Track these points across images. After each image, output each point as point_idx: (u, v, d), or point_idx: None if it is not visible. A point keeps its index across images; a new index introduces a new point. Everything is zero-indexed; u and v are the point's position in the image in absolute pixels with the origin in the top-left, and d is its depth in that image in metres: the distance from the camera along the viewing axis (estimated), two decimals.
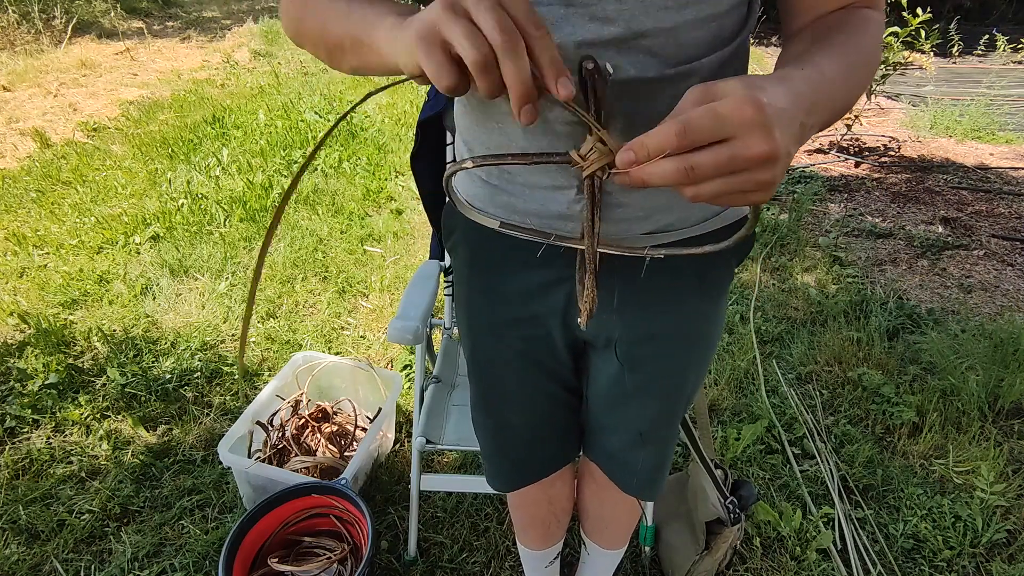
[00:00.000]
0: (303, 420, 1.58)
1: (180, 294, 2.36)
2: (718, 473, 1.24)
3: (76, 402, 1.82)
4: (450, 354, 1.48)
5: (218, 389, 1.91)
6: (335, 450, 1.58)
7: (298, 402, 1.61)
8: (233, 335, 2.16)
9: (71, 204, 3.03)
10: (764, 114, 0.39)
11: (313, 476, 1.44)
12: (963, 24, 6.52)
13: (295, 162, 3.57)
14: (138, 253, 2.64)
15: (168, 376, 1.92)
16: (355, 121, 4.18)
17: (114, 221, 2.85)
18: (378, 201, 3.19)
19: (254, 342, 2.12)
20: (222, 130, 4.03)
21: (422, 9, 0.45)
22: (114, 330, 2.15)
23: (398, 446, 1.72)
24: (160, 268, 2.50)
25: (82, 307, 2.28)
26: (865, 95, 3.60)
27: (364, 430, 1.66)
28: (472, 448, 1.21)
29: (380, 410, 1.55)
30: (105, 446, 1.69)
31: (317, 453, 1.55)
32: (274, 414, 1.59)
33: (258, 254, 0.42)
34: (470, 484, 1.39)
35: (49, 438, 1.73)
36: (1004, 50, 5.12)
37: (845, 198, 3.30)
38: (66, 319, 2.19)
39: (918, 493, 1.57)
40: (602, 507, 1.09)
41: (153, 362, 1.99)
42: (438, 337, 1.95)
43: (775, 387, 1.94)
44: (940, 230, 2.92)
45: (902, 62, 3.49)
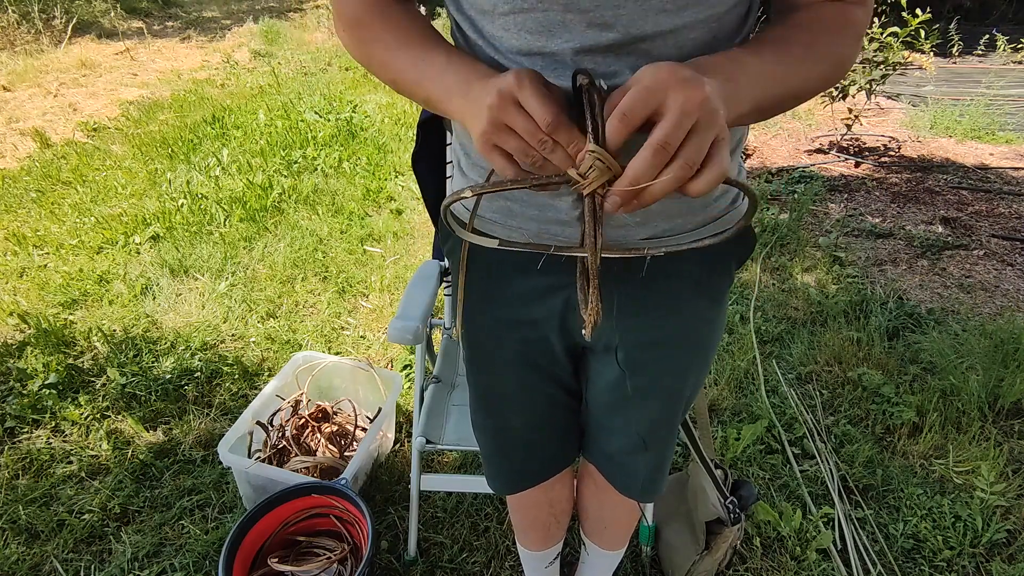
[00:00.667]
0: (303, 420, 1.58)
1: (180, 294, 2.36)
2: (718, 473, 1.24)
3: (76, 402, 1.82)
4: (450, 354, 1.48)
5: (218, 389, 1.91)
6: (335, 450, 1.58)
7: (298, 402, 1.61)
8: (233, 335, 2.16)
9: (71, 204, 3.03)
10: (674, 70, 0.44)
11: (313, 476, 1.44)
12: (963, 24, 6.53)
13: (295, 162, 3.57)
14: (138, 253, 2.64)
15: (168, 376, 1.92)
16: (355, 121, 4.18)
17: (114, 221, 2.85)
18: (378, 201, 3.19)
19: (254, 342, 2.12)
20: (222, 130, 4.03)
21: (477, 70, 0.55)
22: (114, 330, 2.15)
23: (398, 446, 1.72)
24: (160, 268, 2.50)
25: (82, 307, 2.28)
26: (865, 95, 3.60)
27: (364, 430, 1.66)
28: (472, 448, 1.21)
29: (380, 410, 1.55)
30: (105, 446, 1.69)
31: (317, 453, 1.55)
32: (274, 414, 1.59)
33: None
34: (470, 484, 1.39)
35: (49, 438, 1.73)
36: (1004, 50, 5.12)
37: (845, 198, 3.30)
38: (66, 319, 2.19)
39: (918, 493, 1.57)
40: (602, 508, 1.09)
41: (153, 362, 1.99)
42: (438, 337, 1.95)
43: (775, 387, 1.94)
44: (940, 230, 2.92)
45: (902, 62, 3.49)
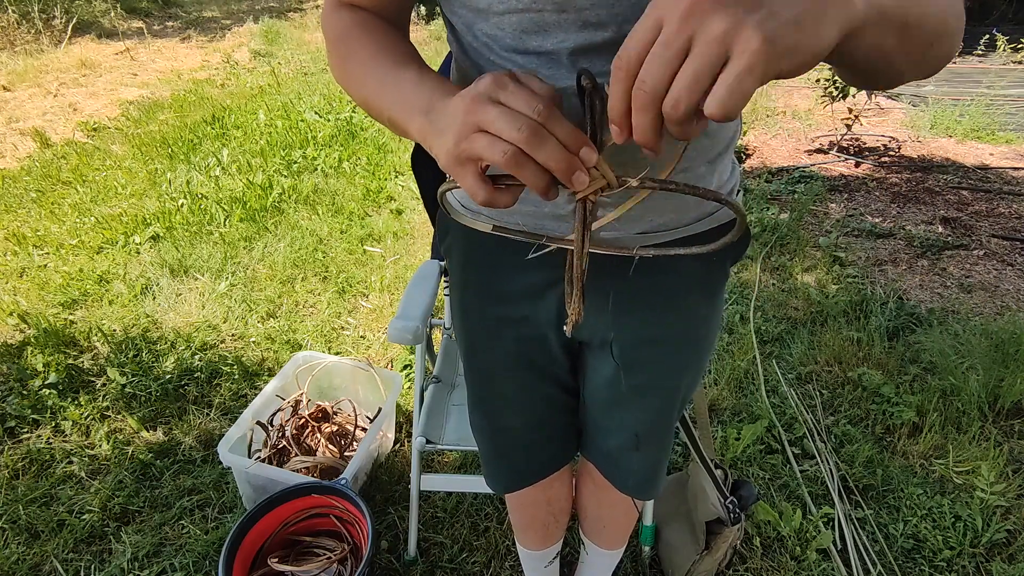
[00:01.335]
0: (303, 420, 1.58)
1: (180, 294, 2.36)
2: (718, 473, 1.24)
3: (76, 402, 1.82)
4: (450, 354, 1.48)
5: (218, 389, 1.91)
6: (335, 450, 1.58)
7: (298, 402, 1.61)
8: (233, 335, 2.16)
9: (71, 204, 3.03)
10: None
11: (313, 476, 1.44)
12: None
13: (295, 162, 3.57)
14: (138, 253, 2.64)
15: (168, 376, 1.92)
16: (355, 121, 4.18)
17: (114, 221, 2.85)
18: (378, 201, 3.19)
19: (254, 342, 2.12)
20: (222, 130, 4.03)
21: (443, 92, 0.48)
22: (114, 330, 2.15)
23: (398, 446, 1.72)
24: (160, 268, 2.50)
25: (82, 307, 2.28)
26: (865, 95, 3.59)
27: (364, 430, 1.66)
28: (472, 448, 1.21)
29: (380, 410, 1.55)
30: (105, 446, 1.69)
31: (317, 453, 1.55)
32: (274, 414, 1.59)
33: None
34: (470, 484, 1.39)
35: (49, 438, 1.73)
36: (1004, 50, 5.12)
37: (845, 198, 3.29)
38: (66, 319, 2.19)
39: (918, 493, 1.57)
40: (600, 507, 1.09)
41: (153, 362, 1.99)
42: (438, 337, 1.95)
43: (775, 387, 1.94)
44: (940, 230, 2.92)
45: None
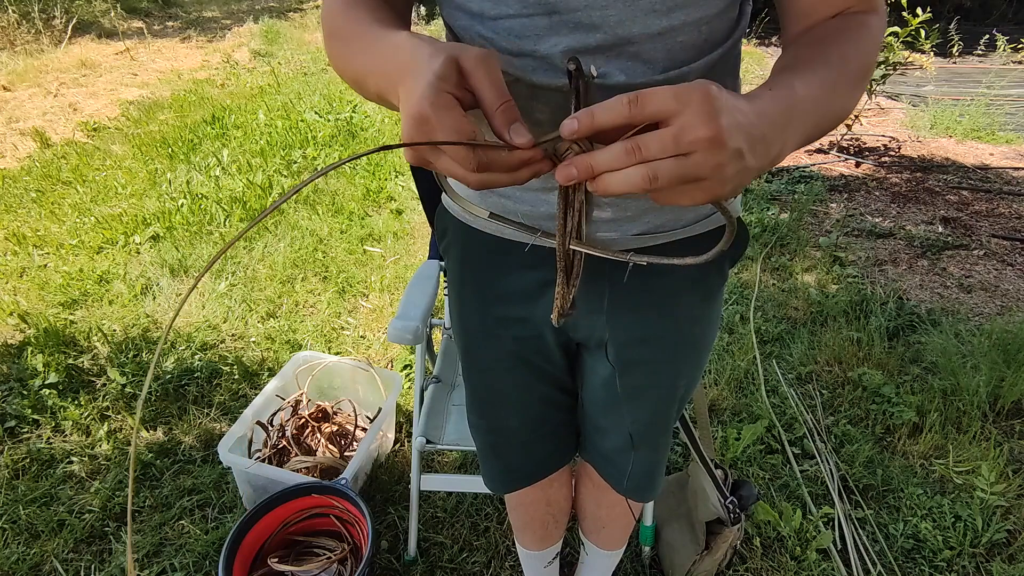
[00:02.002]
0: (303, 420, 1.58)
1: (180, 294, 2.36)
2: (718, 473, 1.24)
3: (76, 402, 1.82)
4: (450, 354, 1.48)
5: (218, 389, 1.91)
6: (335, 450, 1.58)
7: (298, 402, 1.61)
8: (233, 335, 2.16)
9: (71, 204, 3.03)
10: (709, 99, 0.39)
11: (313, 476, 1.44)
12: (963, 24, 6.53)
13: (295, 162, 3.57)
14: (138, 253, 2.64)
15: (168, 376, 1.92)
16: (355, 121, 4.18)
17: (114, 221, 2.85)
18: (378, 201, 3.19)
19: (254, 342, 2.12)
20: (222, 130, 4.03)
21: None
22: (114, 330, 2.15)
23: (398, 446, 1.72)
24: (160, 268, 2.50)
25: (82, 307, 2.28)
26: (866, 95, 3.60)
27: (364, 430, 1.66)
28: (472, 448, 1.21)
29: (380, 410, 1.55)
30: (105, 446, 1.69)
31: (317, 453, 1.55)
32: (274, 414, 1.59)
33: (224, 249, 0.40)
34: (470, 484, 1.39)
35: (49, 438, 1.73)
36: (1004, 50, 5.12)
37: (845, 198, 3.30)
38: (66, 319, 2.19)
39: (918, 493, 1.57)
40: (599, 508, 1.09)
41: None
42: (438, 337, 1.95)
43: (775, 387, 1.94)
44: (940, 230, 2.92)
45: (902, 62, 3.49)
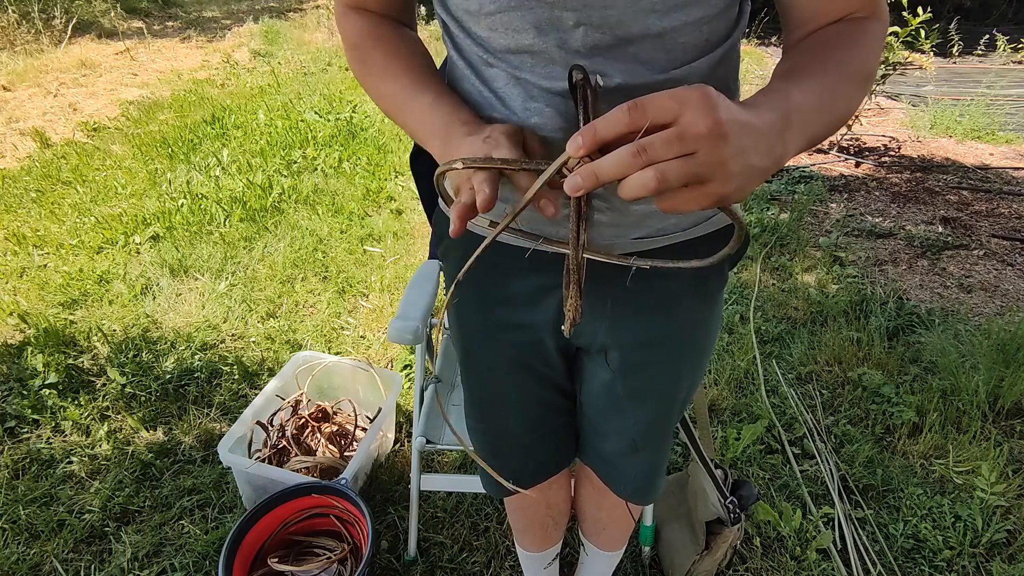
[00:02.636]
0: (303, 420, 1.58)
1: (180, 294, 2.36)
2: (718, 473, 1.24)
3: (76, 402, 1.82)
4: (450, 354, 1.48)
5: (218, 389, 1.91)
6: (335, 450, 1.58)
7: (298, 402, 1.61)
8: (233, 335, 2.16)
9: (71, 204, 3.03)
10: (707, 97, 0.40)
11: (313, 476, 1.44)
12: (963, 24, 6.52)
13: (295, 162, 3.57)
14: (138, 253, 2.64)
15: (168, 376, 1.91)
16: (355, 121, 4.18)
17: (114, 221, 2.85)
18: (378, 201, 3.19)
19: (254, 342, 2.12)
20: (222, 130, 4.03)
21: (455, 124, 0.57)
22: (114, 330, 2.15)
23: (398, 446, 1.72)
24: (160, 268, 2.50)
25: (82, 307, 2.28)
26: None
27: (364, 430, 1.66)
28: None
29: (380, 410, 1.55)
30: (105, 446, 1.69)
31: (317, 453, 1.55)
32: (274, 414, 1.59)
33: None
34: (470, 484, 1.39)
35: (49, 438, 1.73)
36: (1004, 50, 5.12)
37: (845, 198, 3.29)
38: (66, 319, 2.19)
39: (918, 493, 1.57)
40: (599, 510, 1.09)
41: (153, 362, 1.99)
42: (438, 337, 1.95)
43: (775, 387, 1.94)
44: (940, 230, 2.92)
45: (902, 62, 3.49)
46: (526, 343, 0.77)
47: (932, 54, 3.51)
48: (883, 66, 3.45)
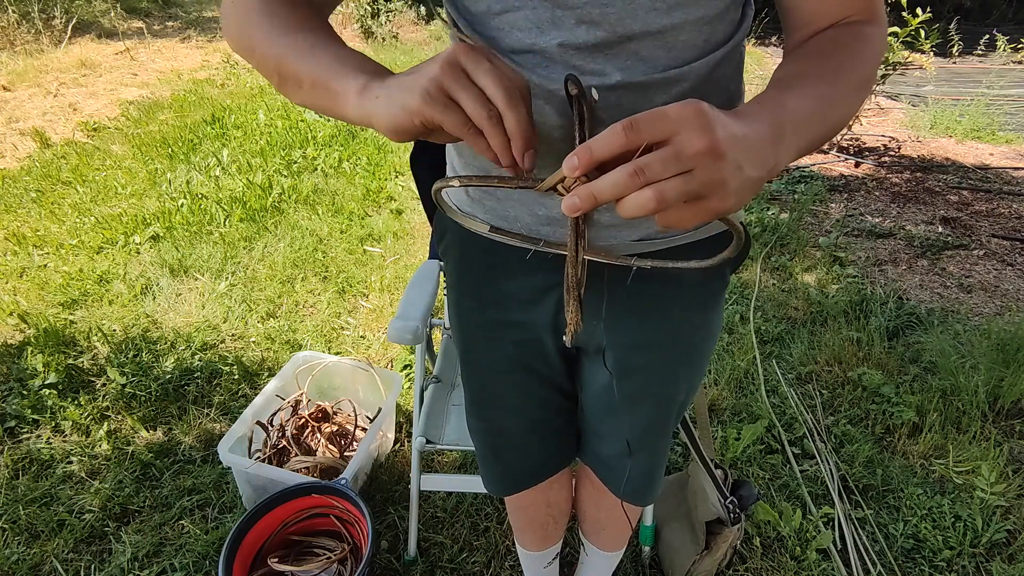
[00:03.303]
0: (303, 420, 1.58)
1: (180, 294, 2.36)
2: (718, 473, 1.24)
3: (76, 402, 1.82)
4: (450, 354, 1.48)
5: (218, 389, 1.91)
6: (335, 450, 1.58)
7: (298, 402, 1.61)
8: (233, 335, 2.16)
9: (71, 204, 3.03)
10: (702, 114, 0.40)
11: (313, 476, 1.44)
12: (963, 24, 6.52)
13: (295, 162, 3.57)
14: (138, 253, 2.64)
15: (168, 376, 1.91)
16: None
17: (114, 221, 2.85)
18: (378, 201, 3.19)
19: (254, 342, 2.12)
20: (222, 130, 4.03)
21: (390, 71, 0.50)
22: (114, 330, 2.15)
23: (398, 446, 1.72)
24: (160, 268, 2.50)
25: (82, 307, 2.28)
26: None
27: (364, 430, 1.66)
28: (472, 448, 1.21)
29: (380, 410, 1.55)
30: (105, 446, 1.69)
31: (317, 453, 1.55)
32: (274, 414, 1.59)
33: None
34: (470, 484, 1.39)
35: (49, 438, 1.72)
36: (1004, 50, 5.12)
37: (845, 198, 3.30)
38: (66, 319, 2.19)
39: (918, 493, 1.57)
40: (599, 510, 1.09)
41: (153, 362, 1.99)
42: (438, 337, 1.95)
43: (775, 387, 1.94)
44: (940, 230, 2.92)
45: (902, 62, 3.49)
46: (526, 342, 0.77)
47: (932, 54, 3.51)
48: (883, 66, 3.45)
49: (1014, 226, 2.95)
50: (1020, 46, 5.20)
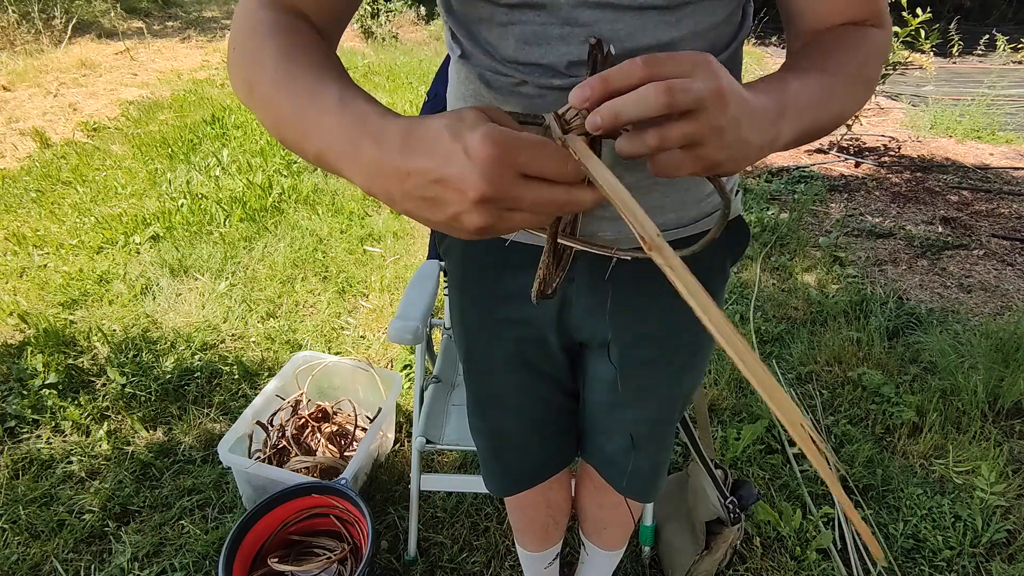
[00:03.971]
0: (303, 420, 1.58)
1: (180, 294, 2.36)
2: (718, 473, 1.24)
3: (76, 402, 1.82)
4: (450, 354, 1.48)
5: (218, 389, 1.91)
6: (335, 450, 1.58)
7: (298, 402, 1.61)
8: (233, 335, 2.16)
9: (71, 204, 3.03)
10: (714, 62, 0.41)
11: (313, 476, 1.44)
12: (963, 24, 6.52)
13: (295, 162, 3.57)
14: (138, 253, 2.64)
15: (168, 376, 1.91)
16: None
17: (114, 221, 2.85)
18: (378, 201, 3.18)
19: (254, 342, 2.12)
20: (222, 130, 4.03)
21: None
22: (114, 330, 2.15)
23: (398, 446, 1.72)
24: (160, 268, 2.50)
25: (82, 307, 2.28)
26: None
27: (364, 430, 1.66)
28: (472, 448, 1.21)
29: (380, 410, 1.55)
30: (105, 446, 1.69)
31: (317, 453, 1.55)
32: (274, 414, 1.59)
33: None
34: (470, 484, 1.39)
35: (49, 438, 1.72)
36: (1004, 50, 5.11)
37: (845, 198, 3.30)
38: (66, 319, 2.19)
39: (918, 493, 1.57)
40: (600, 509, 1.09)
41: (153, 362, 1.99)
42: (438, 337, 1.95)
43: None
44: (940, 230, 2.92)
45: (902, 62, 3.49)
46: (528, 340, 0.77)
47: (932, 54, 3.51)
48: (883, 66, 3.46)
49: (1014, 226, 2.95)
50: (1020, 46, 5.19)
